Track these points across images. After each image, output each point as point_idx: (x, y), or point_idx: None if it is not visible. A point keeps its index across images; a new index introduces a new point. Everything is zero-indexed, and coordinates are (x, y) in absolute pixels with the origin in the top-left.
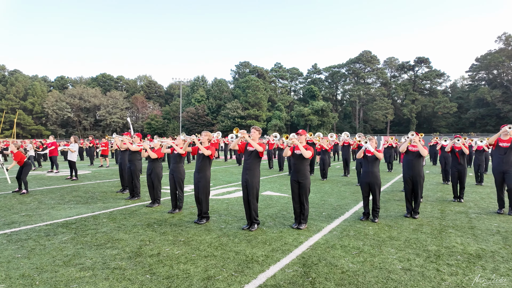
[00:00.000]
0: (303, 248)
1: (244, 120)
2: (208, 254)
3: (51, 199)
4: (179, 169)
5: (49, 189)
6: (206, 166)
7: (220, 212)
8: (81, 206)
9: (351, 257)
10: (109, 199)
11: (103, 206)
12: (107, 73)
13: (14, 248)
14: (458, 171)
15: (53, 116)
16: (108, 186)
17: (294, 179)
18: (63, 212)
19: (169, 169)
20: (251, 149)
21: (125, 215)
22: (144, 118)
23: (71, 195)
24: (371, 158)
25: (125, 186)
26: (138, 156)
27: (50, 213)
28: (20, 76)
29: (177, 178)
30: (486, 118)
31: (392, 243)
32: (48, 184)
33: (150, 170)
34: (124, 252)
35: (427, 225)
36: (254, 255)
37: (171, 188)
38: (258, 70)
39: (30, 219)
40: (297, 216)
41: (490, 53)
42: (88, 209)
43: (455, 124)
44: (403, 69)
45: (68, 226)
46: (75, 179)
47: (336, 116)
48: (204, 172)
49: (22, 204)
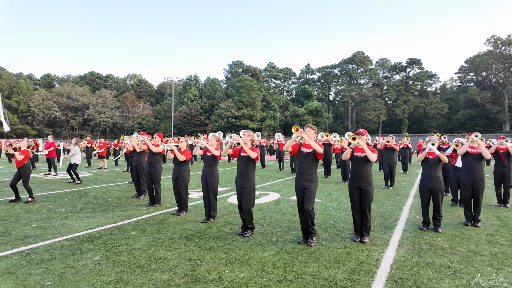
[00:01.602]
0: (386, 268)
1: (238, 120)
2: (281, 279)
3: (60, 207)
4: (214, 173)
5: (54, 194)
6: (250, 170)
7: (259, 221)
8: (98, 215)
9: (450, 279)
10: (126, 205)
11: (124, 215)
12: (96, 72)
13: (39, 273)
14: (502, 174)
15: (39, 115)
16: (119, 191)
17: (355, 186)
18: (80, 223)
19: (202, 173)
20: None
21: (154, 225)
22: (135, 118)
23: (81, 201)
24: (433, 161)
25: (141, 191)
26: (158, 158)
27: (65, 224)
28: (4, 74)
29: (211, 184)
30: (476, 119)
31: (481, 259)
32: (50, 188)
33: (177, 174)
34: (176, 276)
35: (498, 235)
36: (335, 278)
37: (204, 194)
38: (251, 70)
39: (45, 232)
40: (358, 227)
41: (479, 55)
42: (108, 219)
43: (445, 125)
44: (395, 70)
45: (94, 241)
46: (78, 182)
47: (330, 117)
48: (249, 177)
49: (29, 213)
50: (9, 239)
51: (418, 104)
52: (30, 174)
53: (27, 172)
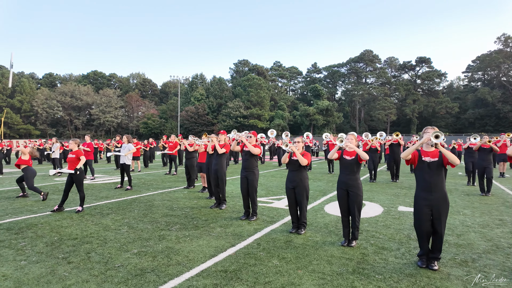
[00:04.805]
0: None
1: (246, 120)
2: None
3: (140, 222)
4: None
5: (113, 204)
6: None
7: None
8: (199, 233)
9: None
10: (218, 219)
11: (232, 234)
12: (99, 71)
13: None
14: None
15: (43, 115)
16: (185, 199)
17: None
18: (190, 247)
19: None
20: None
21: (279, 248)
22: (140, 118)
23: (157, 214)
24: None
25: (222, 199)
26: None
27: (174, 249)
28: (6, 72)
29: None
30: (485, 119)
31: None
32: (102, 196)
33: None
34: None
35: None
36: None
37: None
38: (258, 69)
39: (158, 263)
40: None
41: (489, 54)
42: (219, 240)
43: (454, 125)
44: (404, 69)
45: (238, 276)
46: (129, 188)
47: (341, 116)
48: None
49: (109, 231)
50: (122, 275)
51: (427, 104)
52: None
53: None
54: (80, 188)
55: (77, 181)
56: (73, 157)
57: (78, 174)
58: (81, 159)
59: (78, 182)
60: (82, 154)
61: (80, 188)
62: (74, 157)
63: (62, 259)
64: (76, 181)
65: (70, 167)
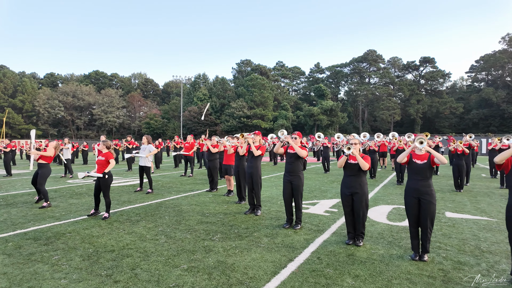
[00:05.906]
0: None
1: (250, 120)
2: None
3: (177, 231)
4: None
5: (138, 209)
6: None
7: None
8: (253, 246)
9: None
10: (260, 227)
11: (286, 245)
12: (100, 70)
13: None
14: None
15: (44, 115)
16: (215, 203)
17: None
18: (254, 265)
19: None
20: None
21: (336, 256)
22: (142, 118)
23: (192, 221)
24: None
25: (257, 205)
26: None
27: (237, 266)
28: (8, 72)
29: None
30: (490, 119)
31: None
32: (123, 200)
33: None
34: None
35: None
36: None
37: None
38: (260, 68)
39: (229, 282)
40: None
41: (491, 54)
42: (277, 254)
43: (457, 125)
44: (407, 69)
45: None
46: (150, 191)
47: (345, 116)
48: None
49: (146, 242)
50: None
51: (431, 104)
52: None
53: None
54: (107, 193)
55: (103, 186)
56: (103, 160)
57: (107, 178)
58: (110, 162)
59: (105, 186)
60: (112, 157)
61: (106, 193)
62: (103, 159)
63: (106, 276)
64: (102, 185)
65: (99, 170)
